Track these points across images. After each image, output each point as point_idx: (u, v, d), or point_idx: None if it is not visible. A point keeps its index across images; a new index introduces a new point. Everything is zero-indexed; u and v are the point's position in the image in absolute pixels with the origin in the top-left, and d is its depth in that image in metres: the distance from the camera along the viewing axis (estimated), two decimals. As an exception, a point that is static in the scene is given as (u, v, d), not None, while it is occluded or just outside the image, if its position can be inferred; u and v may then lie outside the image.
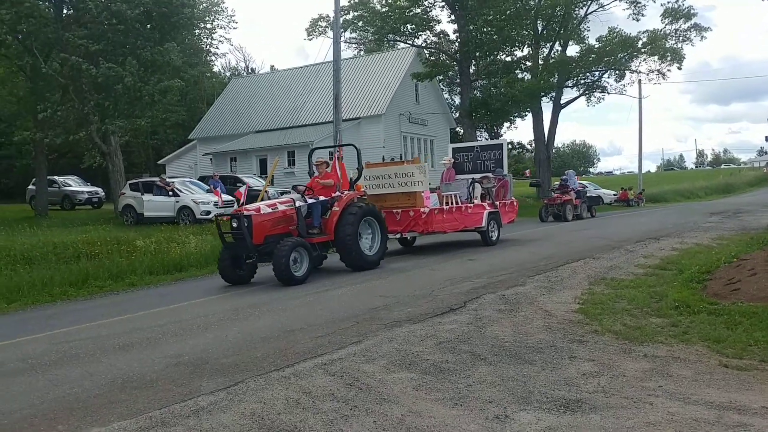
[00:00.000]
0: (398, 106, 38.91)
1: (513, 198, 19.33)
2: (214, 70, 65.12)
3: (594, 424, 4.51)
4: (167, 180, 26.14)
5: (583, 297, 8.93)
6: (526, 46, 38.76)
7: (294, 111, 40.68)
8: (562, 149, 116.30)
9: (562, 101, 40.89)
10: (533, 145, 49.04)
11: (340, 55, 23.96)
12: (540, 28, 38.25)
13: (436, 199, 16.19)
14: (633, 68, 40.43)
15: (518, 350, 6.46)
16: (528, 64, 38.94)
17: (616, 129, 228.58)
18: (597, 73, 39.86)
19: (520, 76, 39.37)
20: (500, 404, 4.98)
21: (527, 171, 39.21)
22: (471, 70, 39.88)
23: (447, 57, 40.07)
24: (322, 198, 13.02)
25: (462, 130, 42.13)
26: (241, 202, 12.79)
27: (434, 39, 41.19)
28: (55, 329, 8.93)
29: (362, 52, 49.48)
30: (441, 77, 44.39)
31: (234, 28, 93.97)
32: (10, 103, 28.50)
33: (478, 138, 45.31)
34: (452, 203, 16.38)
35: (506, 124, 56.07)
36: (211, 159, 40.36)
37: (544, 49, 39.89)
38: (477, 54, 38.12)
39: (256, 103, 43.98)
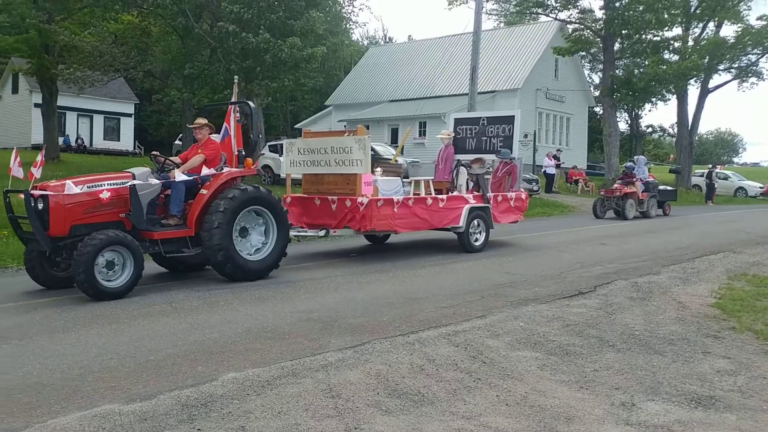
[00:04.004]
0: (536, 81, 38.01)
1: (522, 190, 14.37)
2: (352, 38, 66.14)
3: (729, 423, 4.33)
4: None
5: (721, 291, 8.53)
6: (676, 25, 36.67)
7: (429, 82, 40.61)
8: (705, 136, 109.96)
9: (710, 85, 38.58)
10: (675, 129, 46.73)
11: (481, 25, 23.67)
12: (693, 6, 36.06)
13: (398, 185, 12.12)
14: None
15: (648, 340, 6.28)
16: (676, 44, 36.90)
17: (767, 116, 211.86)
18: (753, 56, 37.21)
19: (666, 56, 37.41)
20: (627, 392, 4.88)
21: (671, 156, 37.34)
22: (615, 48, 38.27)
23: (591, 33, 38.66)
24: (179, 176, 9.00)
25: (601, 110, 40.68)
26: (36, 170, 8.46)
27: (579, 14, 39.79)
28: (194, 277, 9.47)
29: (502, 24, 48.62)
30: (583, 53, 42.91)
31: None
32: (162, 61, 30.16)
33: (618, 120, 43.52)
34: (423, 192, 12.21)
35: (647, 106, 53.49)
36: (345, 126, 41.10)
37: (696, 29, 37.65)
38: (623, 32, 36.49)
39: (391, 72, 44.23)
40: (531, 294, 8.24)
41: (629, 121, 57.42)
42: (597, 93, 46.04)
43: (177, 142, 35.53)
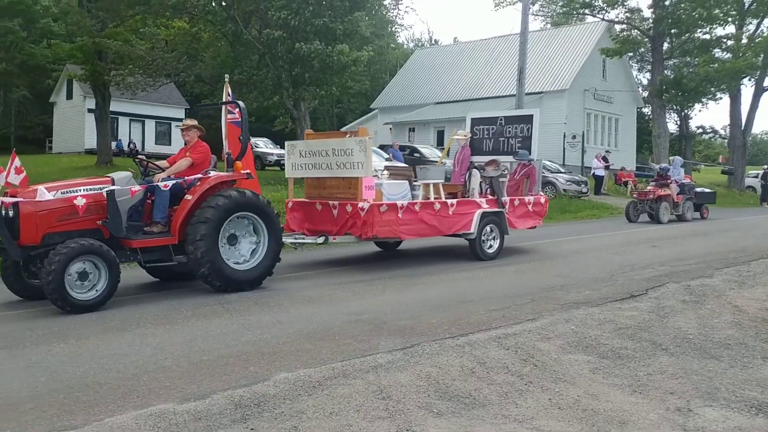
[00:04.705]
0: (583, 82, 37.54)
1: (541, 193, 13.40)
2: (398, 41, 66.34)
3: (791, 430, 4.22)
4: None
5: (780, 296, 8.30)
6: (729, 23, 35.77)
7: (475, 83, 40.45)
8: (759, 136, 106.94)
9: (765, 84, 37.58)
10: (726, 130, 45.64)
11: (528, 26, 23.45)
12: (747, 3, 35.18)
13: (405, 189, 11.34)
14: None
15: (703, 344, 6.14)
16: (729, 42, 36.00)
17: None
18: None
19: (718, 55, 36.56)
20: (683, 397, 4.79)
21: (722, 157, 36.40)
22: (664, 48, 37.55)
23: (639, 33, 38.01)
24: (161, 179, 8.46)
25: (650, 111, 39.98)
26: (3, 178, 8.20)
27: (626, 14, 39.16)
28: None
29: (548, 25, 48.19)
30: (631, 54, 42.20)
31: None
32: (212, 66, 30.64)
33: (667, 120, 42.62)
34: (431, 195, 11.43)
35: (697, 107, 52.29)
36: (390, 128, 41.17)
37: (750, 26, 36.71)
38: (672, 31, 35.77)
39: (437, 74, 44.14)
40: (582, 297, 8.13)
41: (678, 122, 56.31)
42: (645, 93, 45.29)
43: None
